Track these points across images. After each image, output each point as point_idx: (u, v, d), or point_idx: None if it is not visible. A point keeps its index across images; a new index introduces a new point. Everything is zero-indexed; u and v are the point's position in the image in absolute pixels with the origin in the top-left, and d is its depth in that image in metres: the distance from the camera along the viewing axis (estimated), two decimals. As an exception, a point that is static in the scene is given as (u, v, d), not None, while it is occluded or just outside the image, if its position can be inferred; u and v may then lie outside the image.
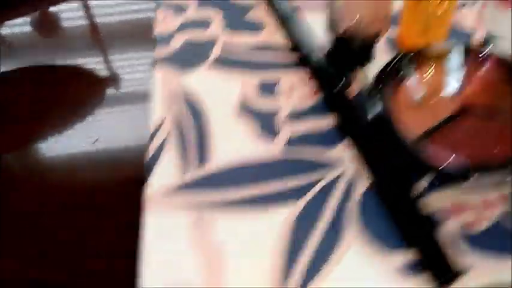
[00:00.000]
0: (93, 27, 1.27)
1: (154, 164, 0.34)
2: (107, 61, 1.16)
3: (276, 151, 0.34)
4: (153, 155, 0.35)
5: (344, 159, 0.33)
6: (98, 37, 1.24)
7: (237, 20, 0.45)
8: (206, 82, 0.40)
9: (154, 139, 0.36)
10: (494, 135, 0.31)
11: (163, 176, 0.33)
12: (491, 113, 0.32)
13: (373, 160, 0.32)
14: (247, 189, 0.32)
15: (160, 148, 0.35)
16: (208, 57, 0.42)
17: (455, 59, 0.36)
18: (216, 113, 0.37)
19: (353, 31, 0.36)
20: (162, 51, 0.43)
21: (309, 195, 0.32)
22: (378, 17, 0.35)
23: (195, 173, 0.33)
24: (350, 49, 0.38)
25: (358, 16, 0.35)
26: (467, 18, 0.43)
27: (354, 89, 0.38)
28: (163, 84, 0.40)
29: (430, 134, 0.32)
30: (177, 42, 0.43)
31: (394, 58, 0.37)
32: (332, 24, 0.37)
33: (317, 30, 0.41)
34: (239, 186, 0.32)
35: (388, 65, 0.36)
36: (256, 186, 0.32)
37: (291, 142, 0.35)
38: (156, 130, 0.36)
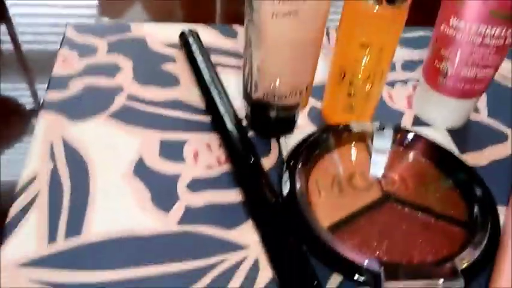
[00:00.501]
0: None
1: (12, 230, 0.27)
2: None
3: (170, 225, 0.28)
4: (13, 217, 0.28)
5: (248, 242, 0.28)
6: None
7: (149, 71, 0.40)
8: (100, 136, 0.34)
9: (20, 198, 0.29)
10: (417, 232, 0.27)
11: (21, 246, 0.26)
12: (415, 204, 0.29)
13: (277, 250, 0.26)
14: (128, 270, 0.26)
15: (25, 210, 0.28)
16: (107, 108, 0.36)
17: (381, 140, 0.33)
18: (103, 174, 0.31)
19: (269, 99, 0.32)
20: (54, 94, 0.37)
21: (207, 279, 0.26)
22: (297, 87, 0.32)
23: (63, 244, 0.27)
24: (267, 118, 0.33)
25: (273, 84, 0.31)
26: (397, 97, 0.40)
27: (268, 163, 0.33)
28: (45, 132, 0.33)
29: (344, 224, 0.27)
30: (75, 87, 0.38)
31: (314, 133, 0.33)
32: (247, 89, 0.33)
33: (235, 93, 0.37)
34: (117, 265, 0.26)
35: (306, 139, 0.32)
36: (139, 268, 0.26)
37: (189, 216, 0.29)
38: (24, 188, 0.30)
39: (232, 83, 0.39)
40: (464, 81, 0.34)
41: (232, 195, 0.31)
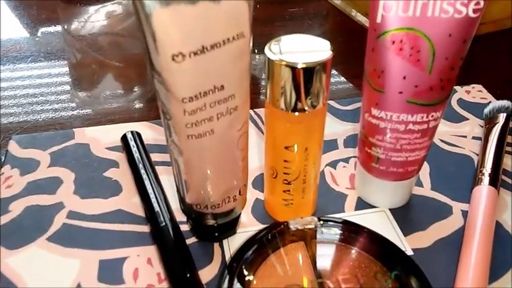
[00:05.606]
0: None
1: None
2: None
3: None
4: None
5: None
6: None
7: (91, 181, 0.40)
8: (37, 265, 0.33)
9: None
10: None
11: None
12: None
13: None
14: None
15: None
16: (46, 231, 0.35)
17: (319, 236, 0.32)
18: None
19: (202, 210, 0.31)
20: (-7, 222, 0.36)
21: None
22: (229, 194, 0.31)
23: None
24: (204, 225, 0.33)
25: (202, 195, 0.30)
26: (340, 178, 0.40)
27: (212, 271, 0.33)
28: (-18, 269, 0.33)
29: None
30: (15, 210, 0.37)
31: (256, 234, 0.33)
32: (181, 196, 0.32)
33: (174, 199, 0.37)
34: None
35: (247, 243, 0.32)
36: None
37: None
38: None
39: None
40: (396, 165, 0.34)
41: (172, 318, 0.30)
